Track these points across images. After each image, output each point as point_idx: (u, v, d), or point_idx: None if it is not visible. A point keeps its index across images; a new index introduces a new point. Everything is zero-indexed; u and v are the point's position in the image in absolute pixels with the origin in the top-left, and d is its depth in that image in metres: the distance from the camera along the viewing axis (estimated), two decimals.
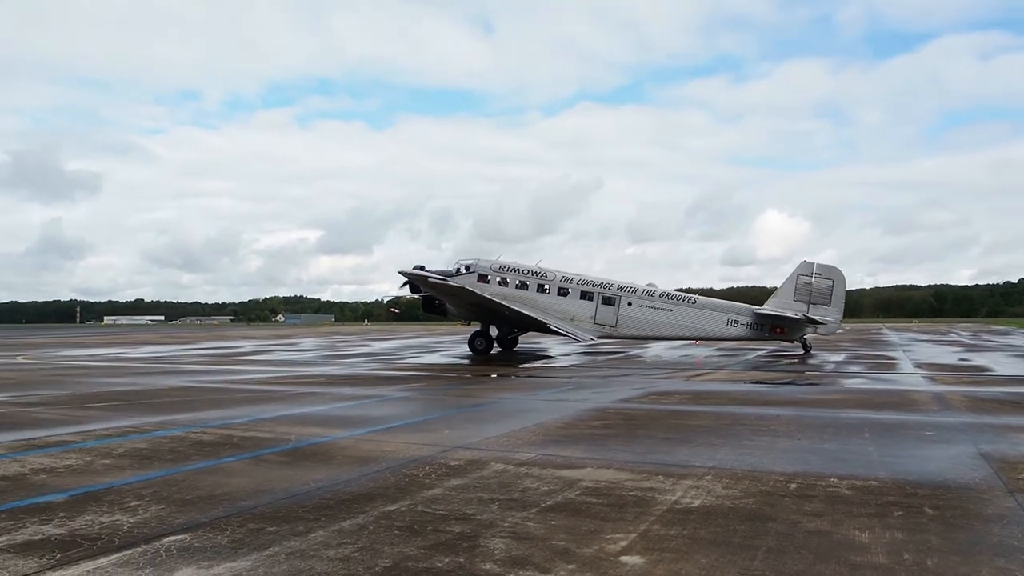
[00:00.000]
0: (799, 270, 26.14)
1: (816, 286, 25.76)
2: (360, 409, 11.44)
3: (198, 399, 12.93)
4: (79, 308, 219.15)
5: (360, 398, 12.94)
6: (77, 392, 14.14)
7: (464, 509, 5.41)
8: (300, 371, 19.93)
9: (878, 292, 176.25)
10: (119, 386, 15.43)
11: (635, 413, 10.82)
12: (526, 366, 21.67)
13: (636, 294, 26.35)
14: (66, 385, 15.69)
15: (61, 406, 11.79)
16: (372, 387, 15.03)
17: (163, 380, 16.88)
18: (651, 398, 12.85)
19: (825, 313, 25.85)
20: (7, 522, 5.10)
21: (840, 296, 25.94)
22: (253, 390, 14.55)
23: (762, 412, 10.81)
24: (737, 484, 6.17)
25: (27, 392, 14.20)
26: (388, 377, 17.73)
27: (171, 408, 11.45)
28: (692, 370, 19.82)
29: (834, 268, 26.16)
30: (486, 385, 15.51)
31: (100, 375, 18.71)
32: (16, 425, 9.70)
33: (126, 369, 21.12)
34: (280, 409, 11.25)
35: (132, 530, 4.90)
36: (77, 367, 22.25)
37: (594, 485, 6.15)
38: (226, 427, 9.39)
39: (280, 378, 17.52)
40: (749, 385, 15.35)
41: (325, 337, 50.16)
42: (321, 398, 12.92)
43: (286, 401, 12.42)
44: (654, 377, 17.53)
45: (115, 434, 8.85)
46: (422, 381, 16.35)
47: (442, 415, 10.61)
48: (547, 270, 27.24)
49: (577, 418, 10.25)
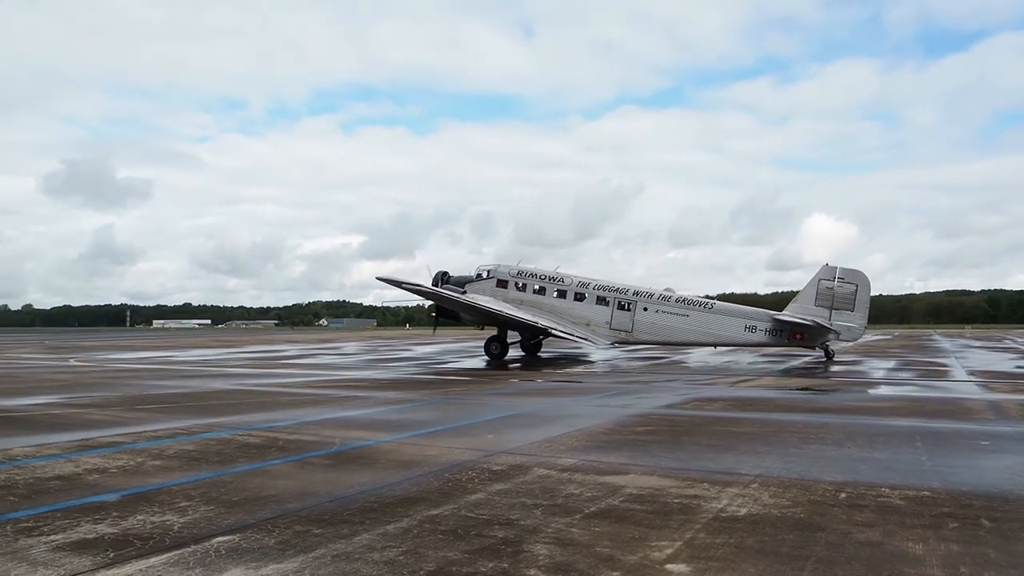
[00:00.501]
0: (820, 274, 25.49)
1: (839, 291, 25.06)
2: (403, 413, 11.52)
3: (244, 402, 13.17)
4: (129, 312, 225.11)
5: (402, 402, 13.03)
6: (128, 394, 14.51)
7: (507, 514, 5.41)
8: (343, 375, 20.17)
9: (929, 297, 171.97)
10: (168, 389, 15.80)
11: (679, 419, 10.70)
12: (568, 371, 21.61)
13: (652, 299, 26.37)
14: (117, 387, 16.11)
15: (112, 408, 12.11)
16: (414, 391, 15.13)
17: (210, 383, 17.23)
18: (695, 404, 12.70)
19: (849, 319, 25.09)
20: (62, 521, 5.25)
21: (864, 301, 25.13)
22: (297, 393, 14.76)
23: (809, 419, 10.61)
24: (785, 493, 6.06)
25: (80, 394, 14.61)
26: (430, 381, 17.83)
27: (218, 411, 11.67)
28: (736, 376, 19.54)
29: (858, 272, 25.43)
30: (528, 390, 15.49)
31: (150, 378, 19.18)
32: (70, 426, 9.99)
33: (174, 372, 21.62)
34: (324, 412, 11.39)
35: (182, 530, 5.01)
36: (127, 370, 22.84)
37: (638, 492, 6.09)
38: (271, 430, 9.54)
39: (324, 382, 17.75)
40: (795, 392, 15.08)
41: (367, 341, 50.70)
42: (364, 402, 13.04)
43: (330, 405, 12.57)
44: (697, 383, 17.33)
45: (164, 436, 9.05)
46: (464, 385, 16.40)
47: (484, 420, 10.62)
48: (565, 275, 27.46)
49: (620, 424, 10.18)
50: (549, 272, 27.63)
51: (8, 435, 9.17)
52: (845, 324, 25.04)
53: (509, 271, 27.72)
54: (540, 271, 27.78)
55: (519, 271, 27.70)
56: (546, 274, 27.52)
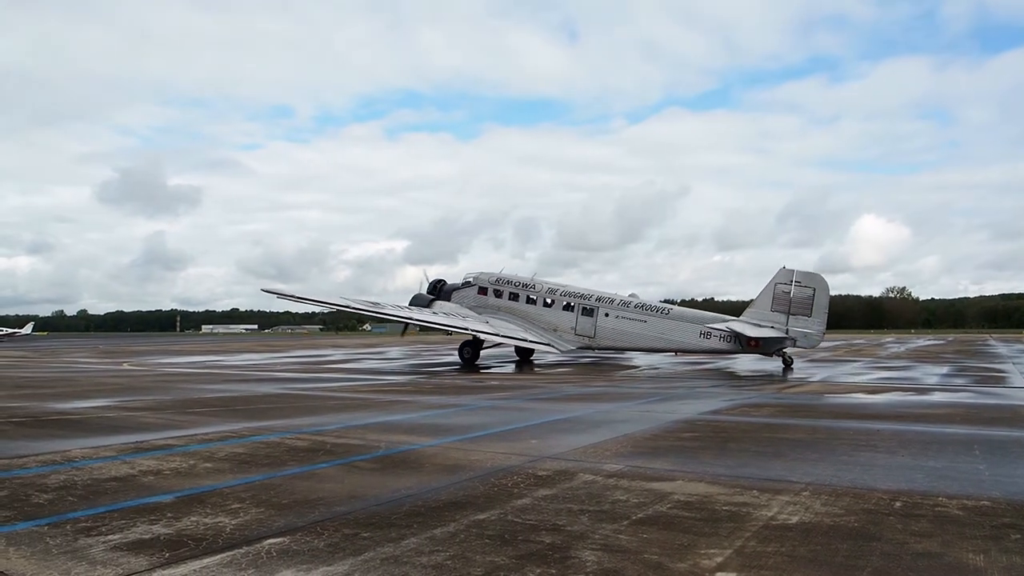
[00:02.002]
0: (777, 278, 24.93)
1: (796, 295, 24.47)
2: (447, 418, 11.58)
3: (292, 406, 13.38)
4: (179, 317, 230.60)
5: (447, 407, 13.10)
6: (179, 398, 14.86)
7: (554, 520, 5.40)
8: (387, 379, 20.36)
9: (983, 301, 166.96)
10: (218, 392, 16.13)
11: (725, 425, 10.56)
12: (612, 376, 21.49)
13: (613, 305, 26.82)
14: (169, 391, 16.50)
15: (165, 411, 12.41)
16: (458, 396, 15.20)
17: (258, 387, 17.55)
18: (741, 410, 12.51)
19: (806, 324, 24.44)
20: (119, 521, 5.39)
21: (823, 305, 24.45)
22: (343, 397, 14.95)
23: (861, 426, 10.37)
24: (837, 501, 5.93)
25: (134, 397, 15.01)
26: (473, 386, 17.89)
27: (267, 414, 11.88)
28: (784, 382, 19.21)
29: (816, 275, 24.80)
30: (571, 395, 15.45)
31: (200, 382, 19.61)
32: (125, 429, 10.26)
33: (223, 376, 22.07)
34: (369, 416, 11.51)
35: (234, 532, 5.10)
36: (178, 374, 23.39)
37: (686, 498, 6.02)
38: (319, 433, 9.67)
39: (368, 386, 17.94)
40: (844, 398, 14.76)
41: (411, 346, 51.11)
42: (408, 406, 13.15)
43: (375, 409, 12.70)
44: (744, 389, 17.08)
45: (215, 439, 9.24)
46: (507, 391, 16.42)
47: (528, 424, 10.62)
48: (537, 281, 28.48)
49: (665, 430, 10.08)
50: (524, 279, 28.68)
51: (66, 437, 9.46)
52: (802, 330, 24.38)
53: (488, 279, 28.92)
54: (515, 278, 28.79)
55: (497, 278, 28.82)
56: (521, 281, 28.56)
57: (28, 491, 6.36)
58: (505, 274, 29.04)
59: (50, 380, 20.63)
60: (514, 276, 28.97)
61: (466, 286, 29.18)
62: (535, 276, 29.17)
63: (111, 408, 13.01)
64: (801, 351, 26.04)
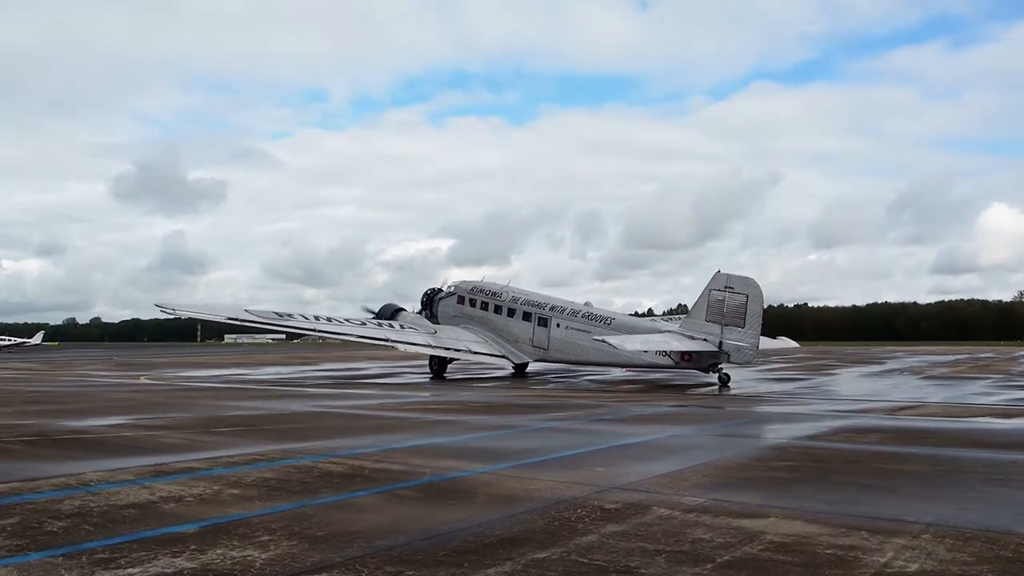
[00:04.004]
0: (712, 283, 24.78)
1: (729, 303, 24.19)
2: (500, 440, 11.63)
3: (325, 425, 13.60)
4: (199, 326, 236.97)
5: (499, 427, 13.15)
6: (201, 415, 15.26)
7: (625, 560, 5.36)
8: (431, 396, 20.54)
9: None
10: (243, 410, 16.51)
11: (825, 453, 10.35)
12: (691, 394, 21.28)
13: (563, 314, 28.22)
14: (189, 408, 16.96)
15: (186, 430, 12.76)
16: (512, 415, 15.25)
17: (287, 404, 17.90)
18: (845, 435, 12.25)
19: (739, 337, 24.12)
20: (139, 552, 5.55)
21: (755, 315, 24.16)
22: (382, 416, 15.14)
23: (993, 457, 10.03)
24: (965, 546, 5.74)
25: (151, 415, 15.47)
26: (530, 405, 17.92)
27: (297, 435, 12.10)
28: (895, 402, 18.73)
29: (748, 280, 24.48)
30: (641, 416, 15.34)
31: (223, 398, 20.10)
32: (143, 450, 10.58)
33: (249, 392, 22.59)
34: (412, 438, 11.63)
35: (265, 567, 5.20)
36: (199, 388, 24.03)
37: (780, 539, 5.91)
38: (355, 457, 9.81)
39: (410, 404, 18.12)
40: (972, 422, 14.30)
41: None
42: (456, 427, 13.24)
43: (418, 429, 12.83)
44: (848, 410, 16.71)
45: (241, 462, 9.45)
46: (567, 410, 16.40)
47: (594, 449, 10.58)
48: (506, 289, 30.49)
49: (754, 457, 9.93)
50: (496, 287, 30.67)
51: (80, 458, 9.80)
52: (734, 343, 24.12)
53: (466, 288, 31.27)
54: (490, 287, 30.86)
55: (473, 287, 31.13)
56: (491, 289, 30.59)
57: (41, 518, 6.60)
58: (482, 283, 31.30)
59: (62, 395, 21.43)
60: (489, 285, 31.10)
61: (448, 296, 31.72)
62: (509, 284, 31.12)
63: (128, 426, 13.43)
64: (733, 367, 25.71)
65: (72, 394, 21.64)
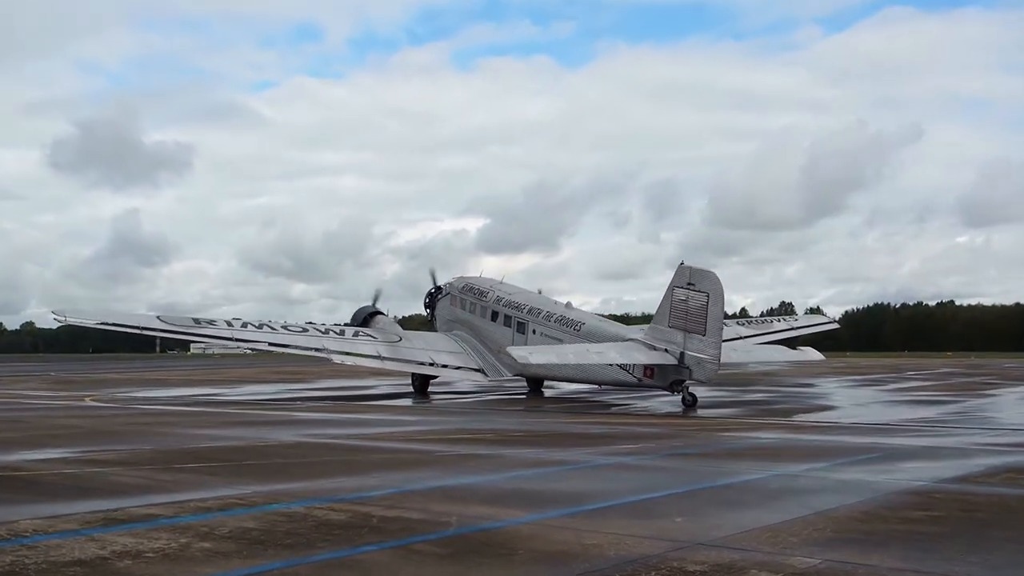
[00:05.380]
0: (675, 278, 24.99)
1: (691, 303, 24.34)
2: (547, 480, 11.60)
3: (320, 460, 13.68)
4: None
5: (546, 463, 13.13)
6: (162, 447, 15.46)
7: None
8: (457, 422, 20.57)
9: None
10: (216, 440, 16.70)
11: (981, 500, 10.20)
12: (797, 421, 21.11)
13: (539, 317, 29.46)
14: (148, 437, 17.19)
15: (144, 466, 12.92)
16: (562, 447, 15.23)
17: (272, 433, 18.07)
18: (1005, 477, 12.08)
19: (700, 347, 24.18)
20: None
21: (717, 319, 24.34)
22: (394, 449, 15.21)
23: None
24: None
25: (100, 446, 15.70)
26: (586, 434, 17.89)
27: (285, 473, 12.20)
28: None
29: (708, 273, 24.61)
30: (734, 450, 15.23)
31: (190, 424, 20.35)
32: (92, 491, 10.73)
33: (223, 417, 22.82)
34: (433, 477, 11.66)
35: None
36: (160, 413, 24.35)
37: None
38: (361, 501, 9.85)
39: (431, 432, 18.18)
40: None
41: None
42: (490, 462, 13.25)
43: (441, 466, 12.86)
44: (1010, 444, 16.49)
45: (215, 507, 9.54)
46: (636, 440, 16.35)
47: (670, 493, 10.52)
48: (492, 288, 31.77)
49: (885, 505, 9.82)
50: (484, 285, 32.02)
51: (13, 502, 9.95)
52: (695, 355, 24.19)
53: (457, 287, 32.92)
54: (479, 284, 32.23)
55: (464, 286, 32.58)
56: (480, 288, 31.94)
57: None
58: (472, 280, 32.56)
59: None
60: (479, 282, 32.38)
61: (444, 297, 33.28)
62: (504, 280, 32.36)
63: (71, 461, 13.64)
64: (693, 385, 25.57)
65: (1, 420, 22.02)
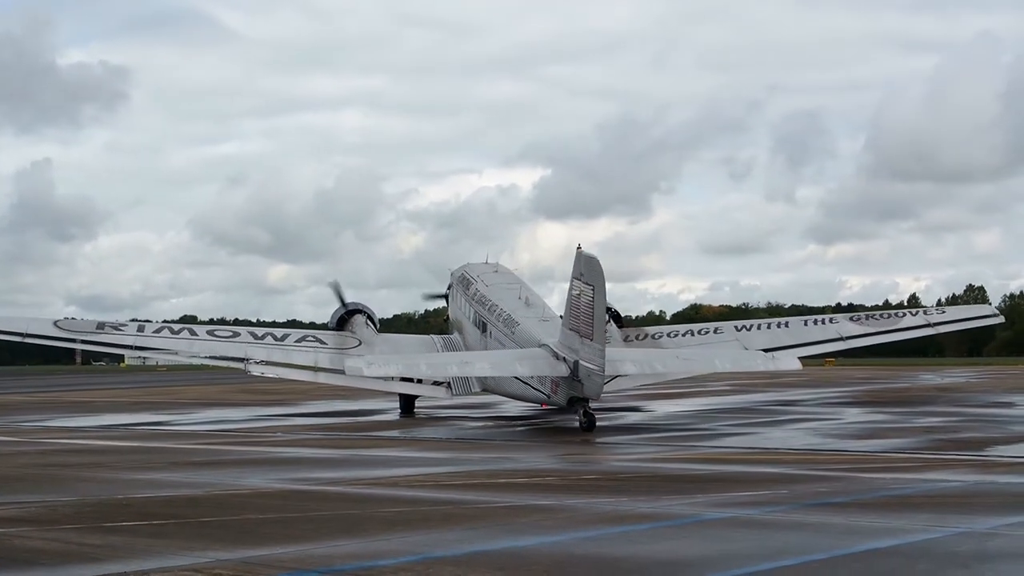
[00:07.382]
0: (574, 268, 26.65)
1: (582, 299, 26.04)
2: (632, 543, 11.61)
3: (310, 515, 13.75)
4: None
5: (629, 519, 13.14)
6: (90, 498, 15.60)
7: None
8: (500, 461, 20.62)
9: None
10: (162, 488, 16.83)
11: None
12: (993, 456, 20.97)
13: (494, 315, 32.08)
14: (69, 484, 17.37)
15: (65, 526, 13.05)
16: (652, 497, 15.23)
17: (241, 477, 18.22)
18: None
19: (589, 355, 25.70)
20: None
21: (600, 318, 25.67)
22: (412, 499, 15.26)
23: None
24: None
25: (3, 497, 15.86)
26: (682, 476, 17.90)
27: (262, 533, 12.27)
28: None
29: (593, 260, 25.95)
30: (895, 497, 15.17)
31: (126, 466, 20.52)
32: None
33: (172, 455, 23.01)
34: (471, 539, 11.69)
35: None
36: (85, 450, 24.53)
37: None
38: (368, 571, 9.93)
39: (465, 474, 18.24)
40: None
41: None
42: (549, 516, 13.29)
43: (481, 521, 12.90)
44: None
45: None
46: (751, 486, 16.35)
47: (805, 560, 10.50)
48: (476, 279, 34.72)
49: None
50: (473, 274, 34.95)
51: None
52: (585, 365, 25.63)
53: (457, 276, 36.24)
54: (470, 274, 35.24)
55: (460, 276, 35.87)
56: (468, 279, 35.06)
57: None
58: (472, 268, 35.50)
59: None
60: (474, 270, 35.32)
61: (449, 292, 36.59)
62: (498, 265, 35.10)
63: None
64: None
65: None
